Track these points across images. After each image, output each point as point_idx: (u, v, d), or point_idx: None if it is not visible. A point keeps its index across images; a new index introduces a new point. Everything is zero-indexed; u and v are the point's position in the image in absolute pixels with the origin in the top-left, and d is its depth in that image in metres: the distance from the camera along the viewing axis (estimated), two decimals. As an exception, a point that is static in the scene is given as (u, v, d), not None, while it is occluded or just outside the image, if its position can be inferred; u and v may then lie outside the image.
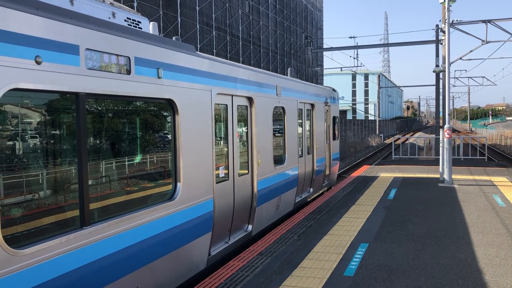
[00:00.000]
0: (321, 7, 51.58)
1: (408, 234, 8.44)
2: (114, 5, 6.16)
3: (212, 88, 6.95)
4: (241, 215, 8.22)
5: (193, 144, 6.39)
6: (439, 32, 26.38)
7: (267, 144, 9.22)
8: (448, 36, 14.97)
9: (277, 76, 10.12)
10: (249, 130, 8.63)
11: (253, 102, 8.56)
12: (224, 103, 7.57)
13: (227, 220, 7.67)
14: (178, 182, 6.02)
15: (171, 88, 5.86)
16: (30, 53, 3.85)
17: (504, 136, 47.16)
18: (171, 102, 5.91)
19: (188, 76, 6.33)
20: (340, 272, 6.47)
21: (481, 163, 20.68)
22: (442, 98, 25.83)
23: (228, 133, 7.76)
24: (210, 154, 6.87)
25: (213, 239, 7.06)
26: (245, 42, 32.35)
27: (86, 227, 4.41)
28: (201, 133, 6.62)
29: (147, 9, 21.40)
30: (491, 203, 11.19)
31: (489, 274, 6.34)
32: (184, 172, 6.11)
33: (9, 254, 3.53)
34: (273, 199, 9.57)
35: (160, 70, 5.61)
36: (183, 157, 6.11)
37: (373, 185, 14.41)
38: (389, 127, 73.57)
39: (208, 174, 6.79)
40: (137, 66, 5.22)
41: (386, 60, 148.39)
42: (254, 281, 6.18)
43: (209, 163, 6.83)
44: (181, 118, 6.06)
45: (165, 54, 5.77)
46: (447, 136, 14.21)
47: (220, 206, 7.29)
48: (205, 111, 6.74)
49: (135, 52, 5.18)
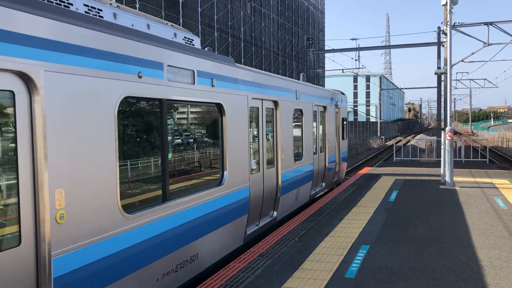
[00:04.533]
0: (322, 9, 51.62)
1: (409, 236, 8.43)
2: (174, 27, 7.55)
3: (248, 94, 8.31)
4: (268, 202, 9.44)
5: (235, 140, 7.76)
6: (441, 34, 26.37)
7: (288, 141, 10.49)
8: (450, 38, 14.95)
9: (296, 82, 11.35)
10: (274, 129, 9.86)
11: (278, 105, 9.83)
12: (256, 106, 8.89)
13: (258, 206, 8.91)
14: (225, 170, 7.39)
15: (220, 95, 7.23)
16: (135, 70, 5.18)
17: (505, 138, 47.08)
18: (220, 106, 7.28)
19: (232, 84, 7.69)
20: (341, 274, 6.46)
21: (482, 165, 20.65)
22: (443, 100, 25.81)
23: (258, 131, 9.03)
24: (247, 148, 8.20)
25: (248, 220, 8.35)
26: (247, 44, 32.38)
27: (167, 201, 5.79)
28: (241, 131, 7.97)
29: (149, 10, 21.42)
30: (493, 205, 11.17)
31: (490, 276, 6.33)
32: (229, 162, 7.47)
33: (123, 217, 4.98)
34: (293, 190, 10.85)
35: (213, 80, 6.99)
36: (228, 150, 7.46)
37: (374, 187, 14.39)
38: (390, 129, 73.52)
39: (245, 165, 8.14)
40: (199, 78, 6.58)
41: (388, 62, 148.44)
42: (255, 282, 6.17)
43: (245, 156, 8.15)
44: (227, 119, 7.44)
45: (216, 66, 7.08)
46: (449, 138, 14.19)
47: (253, 193, 8.56)
48: (243, 113, 8.08)
49: (197, 66, 6.54)
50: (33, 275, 3.91)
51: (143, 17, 6.67)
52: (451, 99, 14.89)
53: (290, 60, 40.95)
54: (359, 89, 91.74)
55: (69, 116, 4.26)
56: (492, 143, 49.84)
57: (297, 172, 11.08)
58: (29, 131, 3.91)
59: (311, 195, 12.59)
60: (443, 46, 25.29)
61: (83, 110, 4.45)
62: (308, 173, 12.01)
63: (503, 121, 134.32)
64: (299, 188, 11.26)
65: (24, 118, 3.87)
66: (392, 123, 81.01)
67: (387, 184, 14.86)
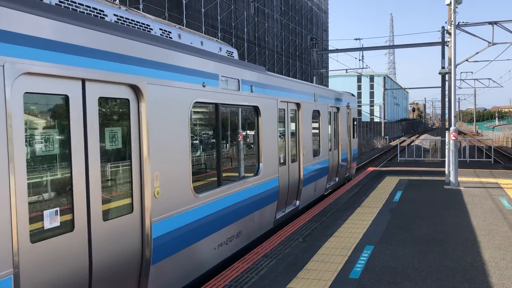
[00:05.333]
0: (326, 9, 51.55)
1: (413, 236, 8.40)
2: (218, 42, 8.73)
3: (277, 97, 9.62)
4: (293, 192, 10.70)
5: (268, 137, 9.07)
6: (445, 33, 26.29)
7: (308, 139, 11.74)
8: (454, 38, 14.91)
9: (314, 86, 12.63)
10: (297, 128, 11.17)
11: (300, 107, 11.10)
12: (283, 108, 10.18)
13: (285, 195, 10.13)
14: (260, 163, 8.75)
15: (257, 99, 8.57)
16: (201, 81, 6.56)
17: (510, 138, 46.88)
18: (256, 108, 8.65)
19: (265, 90, 9.01)
20: (345, 274, 6.44)
21: (487, 165, 20.56)
22: (448, 100, 25.73)
23: (284, 130, 10.32)
24: (276, 144, 9.53)
25: (277, 207, 9.63)
26: (251, 44, 32.37)
27: (221, 186, 7.12)
28: (272, 129, 9.30)
29: (152, 11, 21.46)
30: (498, 205, 11.12)
31: (495, 277, 6.29)
32: (263, 156, 8.80)
33: (194, 196, 6.28)
34: (312, 183, 12.12)
35: (252, 87, 8.34)
36: (263, 146, 8.80)
37: (378, 187, 14.36)
38: (394, 129, 73.33)
39: (275, 159, 9.44)
40: (242, 85, 7.93)
41: (392, 62, 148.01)
42: (259, 283, 6.17)
43: (275, 151, 9.46)
44: (262, 119, 8.81)
45: (253, 75, 8.44)
46: (453, 138, 14.14)
47: (281, 184, 9.80)
48: (273, 114, 9.37)
49: (241, 75, 7.88)
50: (139, 235, 5.21)
51: (197, 35, 8.01)
52: (455, 99, 14.84)
53: (294, 60, 40.91)
54: (363, 89, 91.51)
55: (161, 117, 5.57)
56: (497, 143, 49.62)
57: (316, 167, 12.39)
58: (137, 128, 5.22)
59: (326, 188, 13.81)
60: (447, 46, 25.21)
61: (170, 112, 5.77)
62: (324, 168, 13.30)
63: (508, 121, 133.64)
64: (317, 181, 12.55)
65: (134, 118, 5.18)
66: (396, 123, 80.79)
67: (391, 185, 14.83)
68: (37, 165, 4.07)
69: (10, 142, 3.70)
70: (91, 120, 4.57)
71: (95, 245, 4.56)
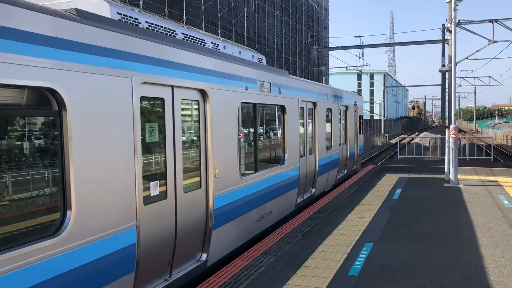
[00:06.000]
0: (326, 6, 51.46)
1: (413, 234, 8.41)
2: (251, 50, 9.91)
3: (298, 97, 11.05)
4: (310, 181, 12.16)
5: (291, 132, 10.44)
6: (446, 31, 26.25)
7: (322, 134, 13.15)
8: (455, 35, 14.89)
9: (327, 86, 14.17)
10: (313, 124, 12.48)
11: (316, 105, 12.53)
12: (302, 106, 11.61)
13: (304, 182, 11.59)
14: (286, 153, 10.08)
15: (284, 99, 9.99)
16: (245, 85, 8.02)
17: (510, 136, 46.88)
18: (283, 107, 10.07)
19: (290, 91, 10.44)
20: (344, 271, 6.45)
21: (487, 163, 20.57)
22: (448, 98, 25.72)
23: (304, 125, 11.68)
24: (298, 138, 10.94)
25: (298, 192, 11.03)
26: (251, 41, 32.32)
27: (257, 171, 8.62)
28: (294, 125, 10.71)
29: (152, 8, 21.42)
30: (497, 203, 11.13)
31: (494, 274, 6.31)
32: (288, 148, 10.19)
33: (240, 179, 7.72)
34: (325, 174, 13.49)
35: (280, 89, 9.79)
36: (288, 139, 10.19)
37: (378, 184, 14.37)
38: (394, 126, 73.32)
39: (297, 151, 10.86)
40: (273, 87, 9.36)
41: (392, 60, 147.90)
42: (258, 280, 6.18)
43: (297, 144, 10.88)
44: (287, 116, 10.19)
45: (281, 78, 9.90)
46: (453, 136, 14.14)
47: (301, 172, 11.23)
48: (296, 112, 10.83)
49: (272, 79, 9.32)
50: (204, 206, 6.66)
51: (235, 46, 9.15)
52: (455, 96, 14.83)
53: (294, 57, 40.86)
54: (363, 86, 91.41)
55: (219, 115, 7.03)
56: (497, 141, 49.64)
57: (328, 159, 13.79)
58: (204, 123, 6.70)
59: (337, 179, 15.16)
60: (447, 44, 25.17)
61: (224, 112, 7.20)
62: (335, 161, 14.73)
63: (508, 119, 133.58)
64: (329, 172, 13.95)
65: (202, 116, 6.65)
66: (396, 121, 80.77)
67: (391, 182, 14.84)
68: (146, 150, 5.48)
69: (134, 131, 5.09)
70: (177, 116, 6.01)
71: (179, 209, 6.03)
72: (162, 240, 5.70)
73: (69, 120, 4.23)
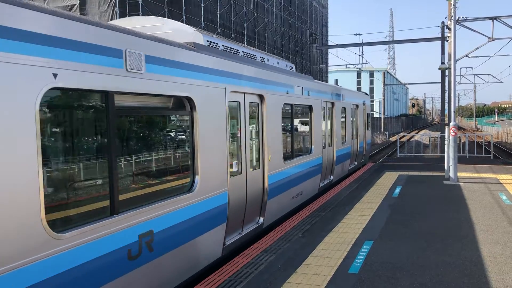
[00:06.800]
0: (326, 4, 51.37)
1: (413, 231, 8.42)
2: (284, 60, 11.51)
3: (321, 98, 13.12)
4: (329, 169, 14.22)
5: (316, 127, 12.52)
6: (445, 29, 26.21)
7: (339, 129, 15.18)
8: (454, 33, 14.87)
9: (342, 88, 16.15)
10: (331, 121, 14.58)
11: (334, 105, 14.67)
12: (324, 106, 13.59)
13: (325, 169, 13.66)
14: (312, 145, 12.24)
15: (311, 100, 12.06)
16: (285, 90, 10.02)
17: (510, 133, 46.87)
18: (310, 106, 12.16)
19: (315, 93, 12.46)
20: (344, 269, 6.47)
21: (486, 161, 20.58)
22: (447, 95, 25.69)
23: (324, 122, 13.65)
24: (321, 132, 12.97)
25: (321, 178, 13.07)
26: (250, 39, 32.29)
27: (292, 159, 10.58)
28: (318, 121, 12.75)
29: (152, 6, 21.39)
30: (497, 201, 11.14)
31: (494, 272, 6.32)
32: (314, 140, 12.29)
33: (284, 163, 9.74)
34: (340, 164, 15.51)
35: (309, 92, 11.86)
36: (314, 133, 12.31)
37: (378, 182, 14.38)
38: (394, 124, 73.28)
39: (320, 143, 12.88)
40: (304, 91, 11.50)
41: (392, 57, 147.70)
42: (259, 278, 6.19)
43: (320, 137, 12.87)
44: (313, 114, 12.30)
45: (309, 83, 11.96)
46: (453, 133, 14.15)
47: (323, 161, 13.31)
48: (319, 110, 12.90)
49: (303, 84, 11.41)
50: (261, 182, 8.77)
51: (274, 57, 10.72)
52: (455, 94, 14.83)
53: (294, 55, 40.82)
54: (363, 84, 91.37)
55: (271, 114, 9.12)
56: (497, 139, 49.63)
57: (343, 151, 15.84)
58: (261, 120, 8.82)
59: (349, 169, 17.17)
60: (447, 41, 25.12)
61: (274, 111, 9.33)
62: (348, 153, 16.77)
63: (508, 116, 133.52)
64: (343, 162, 15.98)
65: (260, 115, 8.80)
66: (396, 119, 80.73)
67: (391, 180, 14.85)
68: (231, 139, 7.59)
69: (227, 125, 7.24)
70: (247, 115, 8.19)
71: (248, 182, 8.24)
72: (240, 203, 7.87)
73: (197, 117, 6.40)
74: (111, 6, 19.53)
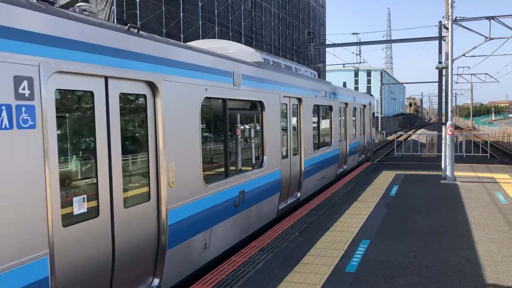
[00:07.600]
0: (323, 3, 51.38)
1: (409, 230, 8.44)
2: (309, 68, 13.35)
3: (339, 100, 15.35)
4: (343, 159, 16.37)
5: (335, 124, 14.75)
6: (442, 28, 26.26)
7: (351, 126, 17.59)
8: (451, 32, 14.90)
9: (353, 91, 18.84)
10: (346, 118, 16.68)
11: (347, 105, 16.81)
12: (340, 106, 15.64)
13: (340, 159, 15.83)
14: (332, 138, 14.49)
15: (331, 101, 14.23)
16: (314, 93, 12.45)
17: (506, 133, 46.98)
18: (331, 107, 14.29)
19: (334, 96, 14.62)
20: (341, 268, 6.47)
21: (483, 160, 20.63)
22: (444, 94, 25.73)
23: (340, 120, 15.87)
24: (338, 129, 15.29)
25: (338, 166, 15.40)
26: (248, 38, 32.26)
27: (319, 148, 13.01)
28: (336, 119, 14.95)
29: (149, 5, 21.34)
30: (494, 200, 11.18)
31: (490, 271, 6.34)
32: (333, 135, 14.58)
33: (313, 151, 12.36)
34: (352, 155, 17.76)
35: (330, 95, 14.07)
36: (333, 129, 14.61)
37: (375, 181, 14.40)
38: (391, 123, 73.37)
39: (337, 137, 15.10)
40: (327, 94, 13.71)
41: (389, 57, 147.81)
42: (256, 276, 6.19)
43: (338, 133, 15.21)
44: (333, 113, 14.53)
45: (330, 87, 14.25)
46: (450, 133, 14.17)
47: (339, 152, 15.56)
48: (337, 110, 15.12)
49: (325, 89, 13.61)
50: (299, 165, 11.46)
51: (302, 67, 12.49)
52: (452, 93, 14.85)
53: (291, 54, 40.81)
54: (360, 83, 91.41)
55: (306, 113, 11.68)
56: (493, 138, 49.74)
57: (354, 145, 18.07)
58: (299, 118, 11.53)
59: (358, 161, 19.33)
60: (444, 41, 25.17)
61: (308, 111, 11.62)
62: (358, 147, 18.98)
63: (504, 115, 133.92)
64: (354, 155, 18.16)
65: (298, 113, 11.36)
66: (393, 118, 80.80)
67: (388, 179, 14.87)
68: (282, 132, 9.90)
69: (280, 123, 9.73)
70: (291, 114, 10.62)
71: (292, 164, 10.59)
72: (287, 179, 10.18)
73: (265, 116, 8.95)
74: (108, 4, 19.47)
